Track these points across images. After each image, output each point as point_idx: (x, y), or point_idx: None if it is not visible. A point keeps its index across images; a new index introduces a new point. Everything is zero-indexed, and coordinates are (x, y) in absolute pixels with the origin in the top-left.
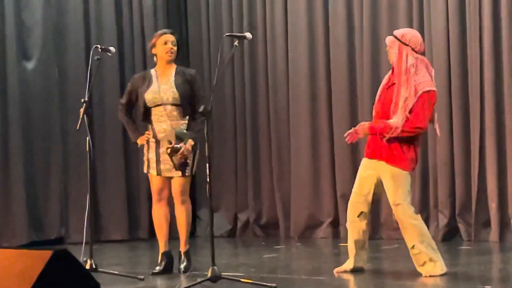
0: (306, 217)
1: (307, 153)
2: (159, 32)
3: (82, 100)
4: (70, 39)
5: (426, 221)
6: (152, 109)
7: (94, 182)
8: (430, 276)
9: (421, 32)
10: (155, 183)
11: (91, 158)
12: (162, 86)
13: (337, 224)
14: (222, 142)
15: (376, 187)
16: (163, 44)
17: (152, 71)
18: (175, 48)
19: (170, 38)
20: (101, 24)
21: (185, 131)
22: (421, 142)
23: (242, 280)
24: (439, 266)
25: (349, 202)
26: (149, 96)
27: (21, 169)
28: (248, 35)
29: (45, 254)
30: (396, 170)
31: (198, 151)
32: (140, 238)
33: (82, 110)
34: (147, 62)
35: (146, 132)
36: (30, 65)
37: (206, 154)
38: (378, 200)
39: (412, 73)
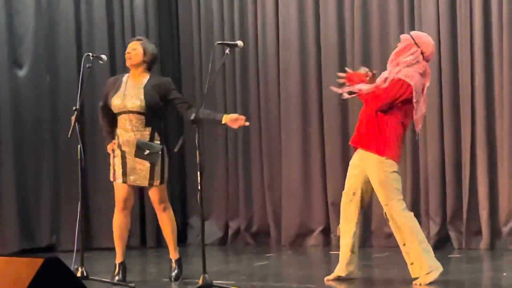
0: (297, 225)
1: (298, 160)
2: None
3: (74, 108)
4: (61, 47)
5: None
6: (118, 116)
7: (85, 190)
8: (416, 278)
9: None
10: (121, 192)
11: (82, 166)
12: (129, 93)
13: (328, 232)
14: (213, 150)
15: (364, 185)
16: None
17: (125, 76)
18: (135, 52)
19: (132, 44)
20: (92, 32)
21: (148, 141)
22: (404, 137)
23: None
24: (427, 269)
25: (341, 203)
26: (114, 101)
27: (12, 176)
28: (240, 43)
29: (36, 262)
30: (382, 158)
31: (167, 158)
32: (131, 246)
33: (73, 118)
34: None
35: (113, 141)
36: (21, 72)
37: (197, 161)
38: (369, 199)
39: (407, 62)
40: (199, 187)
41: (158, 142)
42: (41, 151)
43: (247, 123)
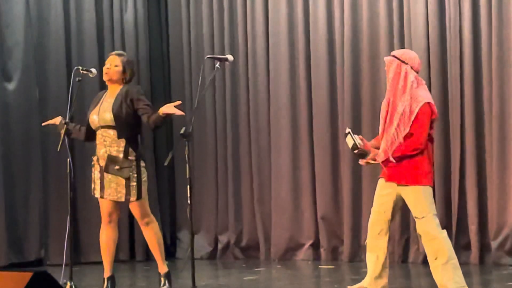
0: (286, 239)
1: (288, 175)
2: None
3: (63, 121)
4: (51, 60)
5: (407, 244)
6: (96, 132)
7: (74, 204)
8: None
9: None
10: (104, 206)
11: (71, 180)
12: (102, 108)
13: (317, 246)
14: (203, 163)
15: (395, 204)
16: (106, 64)
17: (106, 92)
18: (116, 69)
19: (111, 59)
20: (82, 46)
21: (119, 156)
22: (432, 153)
23: None
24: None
25: (369, 221)
26: (92, 118)
27: (1, 189)
28: (230, 57)
29: (25, 276)
30: (416, 188)
31: (145, 173)
32: (120, 260)
33: (62, 131)
34: None
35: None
36: (11, 86)
37: (187, 176)
38: (395, 217)
39: (414, 88)
40: (188, 201)
41: (133, 157)
42: (30, 165)
43: (179, 112)
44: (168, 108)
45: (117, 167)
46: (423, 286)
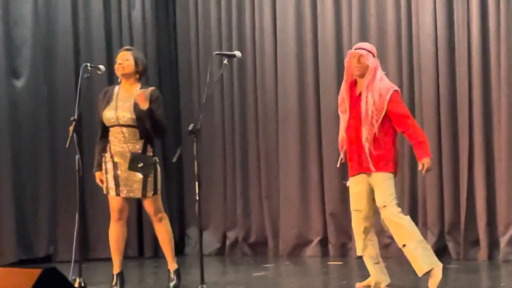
0: (295, 235)
1: (296, 171)
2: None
3: (72, 118)
4: (59, 57)
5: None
6: (110, 128)
7: (83, 201)
8: (423, 275)
9: (410, 52)
10: (115, 203)
11: (80, 176)
12: (120, 106)
13: (326, 243)
14: (211, 160)
15: (370, 199)
16: (117, 61)
17: (116, 88)
18: (127, 62)
19: (122, 55)
20: (90, 43)
21: (141, 154)
22: (396, 142)
23: None
24: (429, 264)
25: (352, 221)
26: (106, 114)
27: (10, 187)
28: (238, 53)
29: (34, 273)
30: (383, 174)
31: (159, 169)
32: (128, 257)
33: (71, 128)
34: None
35: (101, 177)
36: (19, 83)
37: (196, 172)
38: (374, 212)
39: (384, 79)
40: (197, 198)
41: (151, 153)
42: (39, 162)
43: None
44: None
45: (141, 164)
46: None
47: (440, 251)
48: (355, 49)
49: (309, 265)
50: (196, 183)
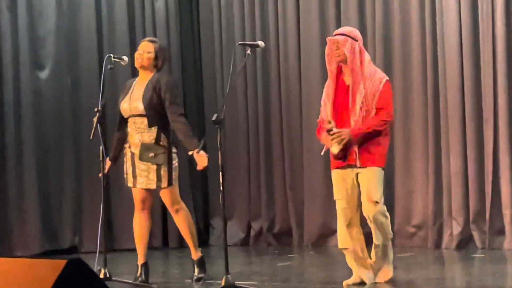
0: (319, 225)
1: (320, 161)
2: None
3: (95, 109)
4: (83, 49)
5: (440, 229)
6: (128, 120)
7: (108, 191)
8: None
9: (434, 42)
10: (137, 193)
11: (105, 167)
12: (133, 96)
13: None
14: (235, 150)
15: (356, 191)
16: (137, 51)
17: (136, 80)
18: (148, 55)
19: (144, 45)
20: (113, 33)
21: (152, 143)
22: (389, 135)
23: None
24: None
25: (337, 212)
26: (123, 106)
27: (35, 178)
28: (261, 43)
29: (59, 263)
30: (374, 169)
31: (176, 159)
32: (153, 247)
33: (95, 119)
34: None
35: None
36: (43, 75)
37: (219, 162)
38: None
39: (371, 65)
40: (221, 188)
41: (165, 142)
42: (63, 153)
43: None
44: (199, 159)
45: (151, 154)
46: (457, 271)
47: (466, 241)
48: (334, 35)
49: (333, 255)
50: (220, 173)
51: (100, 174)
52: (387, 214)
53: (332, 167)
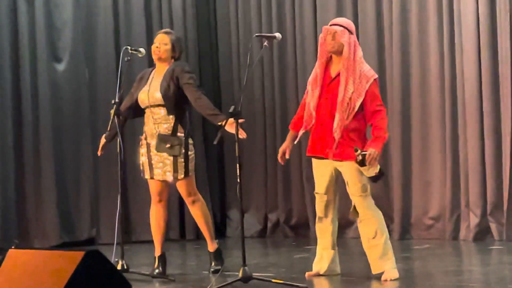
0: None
1: None
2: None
3: (113, 101)
4: (100, 40)
5: (457, 221)
6: (145, 110)
7: (125, 183)
8: (385, 280)
9: (451, 35)
10: (153, 185)
11: (122, 159)
12: (151, 87)
13: None
14: (252, 142)
15: (334, 183)
16: (153, 44)
17: (153, 70)
18: (165, 47)
19: (160, 37)
20: (130, 25)
21: (169, 134)
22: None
23: (273, 280)
24: (393, 265)
25: (315, 203)
26: (141, 96)
27: (52, 170)
28: (278, 35)
29: (77, 255)
30: (352, 163)
31: (192, 150)
32: (170, 239)
33: (112, 111)
34: None
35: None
36: (60, 66)
37: (236, 154)
38: (337, 196)
39: (363, 62)
40: (238, 180)
41: (182, 133)
42: (80, 145)
43: (244, 136)
44: (231, 127)
45: (168, 145)
46: (474, 263)
47: (483, 232)
48: (331, 25)
49: (351, 247)
50: (237, 165)
51: (99, 153)
52: (377, 208)
53: (308, 153)
